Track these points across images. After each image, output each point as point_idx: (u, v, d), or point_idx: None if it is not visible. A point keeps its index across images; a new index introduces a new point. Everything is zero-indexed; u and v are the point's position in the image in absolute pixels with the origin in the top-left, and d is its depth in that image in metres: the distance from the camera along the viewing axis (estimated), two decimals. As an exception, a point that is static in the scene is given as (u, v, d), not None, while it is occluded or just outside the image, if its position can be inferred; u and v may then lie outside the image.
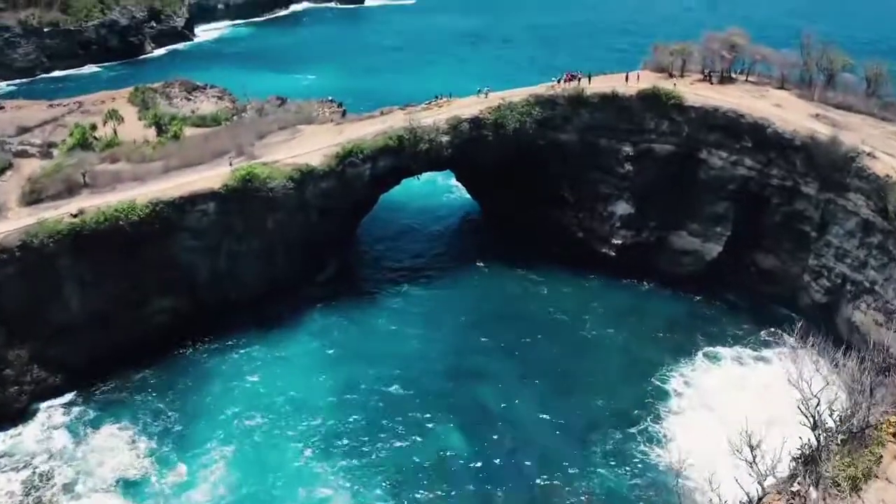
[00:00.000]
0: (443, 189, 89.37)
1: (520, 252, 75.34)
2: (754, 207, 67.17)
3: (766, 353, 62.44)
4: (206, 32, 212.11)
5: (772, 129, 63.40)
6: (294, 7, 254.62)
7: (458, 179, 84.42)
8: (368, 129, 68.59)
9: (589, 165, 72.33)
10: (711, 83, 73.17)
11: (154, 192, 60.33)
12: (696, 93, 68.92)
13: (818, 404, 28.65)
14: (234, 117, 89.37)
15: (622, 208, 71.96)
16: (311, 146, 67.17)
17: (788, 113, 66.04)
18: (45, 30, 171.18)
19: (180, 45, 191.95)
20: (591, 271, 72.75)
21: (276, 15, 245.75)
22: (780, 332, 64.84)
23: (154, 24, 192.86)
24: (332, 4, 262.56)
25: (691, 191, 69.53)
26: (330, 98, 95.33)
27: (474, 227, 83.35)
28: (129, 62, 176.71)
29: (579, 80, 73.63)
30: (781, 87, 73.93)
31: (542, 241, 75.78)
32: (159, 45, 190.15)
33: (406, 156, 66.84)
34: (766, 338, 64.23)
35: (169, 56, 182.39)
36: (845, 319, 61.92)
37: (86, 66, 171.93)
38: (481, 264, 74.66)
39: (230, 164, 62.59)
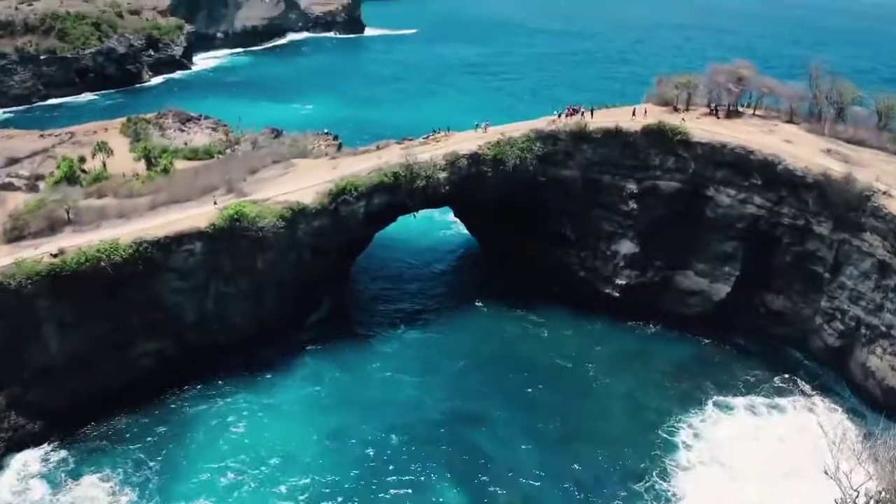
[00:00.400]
0: (440, 224, 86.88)
1: (520, 291, 72.72)
2: (764, 247, 64.65)
3: (779, 400, 59.62)
4: (204, 61, 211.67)
5: (783, 166, 61.03)
6: (294, 36, 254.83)
7: (456, 215, 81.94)
8: (363, 165, 66.20)
9: (592, 203, 69.86)
10: (718, 117, 70.95)
11: (138, 231, 57.86)
12: (702, 128, 66.62)
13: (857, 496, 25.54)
14: (228, 150, 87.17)
15: (626, 247, 69.40)
16: (303, 182, 64.80)
17: (799, 149, 63.72)
18: (42, 57, 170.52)
19: (178, 74, 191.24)
20: (594, 312, 70.05)
21: (276, 44, 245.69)
22: (794, 378, 62.38)
23: (152, 53, 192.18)
24: (332, 34, 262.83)
25: (698, 229, 67.05)
26: (326, 130, 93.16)
27: (473, 263, 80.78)
28: (126, 90, 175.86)
29: (582, 114, 71.43)
30: (790, 121, 71.76)
31: (543, 279, 73.22)
32: (157, 74, 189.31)
33: (402, 193, 64.41)
34: (780, 384, 61.63)
35: (166, 85, 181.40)
36: (860, 364, 59.37)
37: (82, 94, 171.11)
38: (480, 304, 71.97)
39: (215, 203, 60.06)
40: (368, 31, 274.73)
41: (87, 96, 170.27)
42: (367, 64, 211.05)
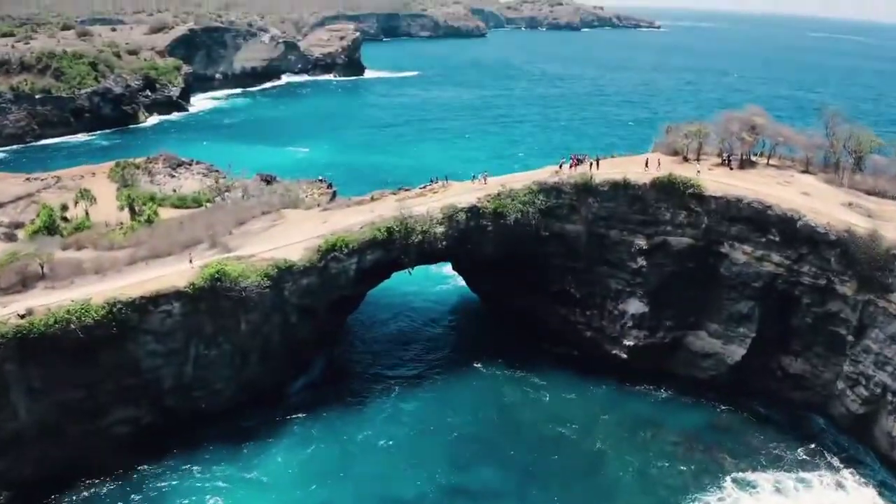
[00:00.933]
0: (437, 278, 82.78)
1: (520, 350, 68.72)
2: (782, 307, 60.61)
3: (805, 475, 55.09)
4: (202, 102, 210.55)
5: (803, 222, 57.21)
6: (293, 78, 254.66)
7: (454, 268, 77.91)
8: (356, 218, 62.45)
9: (598, 259, 65.96)
10: (731, 168, 67.38)
11: (113, 290, 53.93)
12: (715, 180, 62.93)
13: None
14: (217, 198, 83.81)
15: (634, 306, 65.34)
16: (292, 237, 61.01)
17: (819, 202, 60.03)
18: (37, 96, 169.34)
19: (174, 116, 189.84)
20: (600, 375, 65.78)
21: (275, 85, 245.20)
22: (819, 449, 58.00)
23: (149, 93, 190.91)
24: (332, 76, 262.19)
25: (711, 288, 63.10)
26: (320, 178, 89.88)
27: (471, 320, 76.57)
28: (121, 130, 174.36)
29: (591, 165, 67.82)
30: (806, 171, 68.33)
31: (546, 338, 69.17)
32: (153, 114, 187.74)
33: (396, 249, 60.54)
34: (804, 456, 57.20)
35: (162, 126, 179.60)
36: (885, 433, 55.16)
37: (77, 135, 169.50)
38: (478, 365, 67.62)
39: (190, 262, 56.12)
40: (368, 74, 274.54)
41: (81, 137, 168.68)
42: (365, 107, 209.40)
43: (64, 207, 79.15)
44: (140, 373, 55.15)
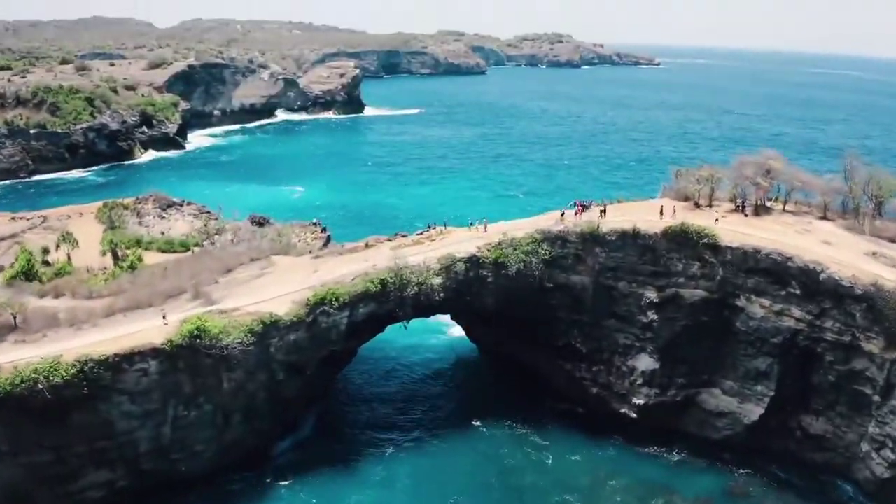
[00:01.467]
0: (434, 327, 78.56)
1: (522, 407, 64.80)
2: (803, 364, 56.82)
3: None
4: (199, 138, 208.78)
5: (826, 274, 53.60)
6: (292, 115, 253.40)
7: (452, 318, 73.92)
8: (348, 268, 58.72)
9: (605, 312, 62.18)
10: (745, 214, 63.94)
11: (85, 347, 50.13)
12: (730, 228, 59.44)
13: None
14: (206, 242, 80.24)
15: (645, 363, 61.43)
16: (280, 287, 57.29)
17: (841, 252, 56.50)
18: (32, 131, 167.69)
19: (171, 153, 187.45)
20: (607, 435, 61.70)
21: (273, 122, 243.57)
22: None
23: (145, 129, 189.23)
24: (331, 114, 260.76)
25: (727, 343, 59.31)
26: (314, 221, 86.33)
27: (470, 373, 72.45)
28: (116, 166, 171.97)
29: (602, 212, 64.33)
30: (824, 217, 64.93)
31: (550, 394, 65.20)
32: (149, 151, 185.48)
33: (391, 301, 56.74)
34: (830, 529, 52.95)
35: (158, 163, 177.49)
36: (915, 500, 51.07)
37: (72, 171, 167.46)
38: (477, 423, 63.42)
39: (164, 319, 52.28)
40: (368, 111, 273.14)
41: (76, 173, 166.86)
42: (364, 145, 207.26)
43: (45, 251, 75.62)
44: (114, 435, 51.18)
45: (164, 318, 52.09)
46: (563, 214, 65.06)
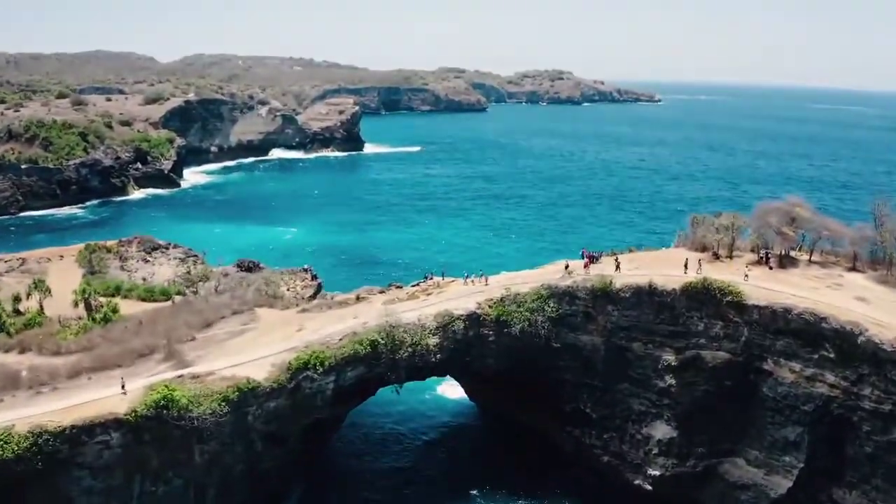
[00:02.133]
0: (430, 383, 72.78)
1: (526, 475, 59.30)
2: (837, 434, 51.48)
3: None
4: (194, 175, 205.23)
5: (864, 337, 48.50)
6: (289, 153, 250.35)
7: (451, 376, 68.46)
8: (335, 327, 53.57)
9: (618, 375, 56.94)
10: (770, 267, 58.95)
11: (41, 416, 44.91)
12: (756, 285, 54.37)
13: None
14: (188, 290, 75.30)
15: (661, 430, 56.04)
16: (261, 348, 52.14)
17: (878, 310, 51.40)
18: (24, 166, 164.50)
19: (164, 191, 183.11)
20: (621, 508, 56.24)
21: (270, 159, 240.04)
22: None
23: (139, 166, 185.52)
24: (330, 151, 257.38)
25: (752, 410, 53.97)
26: (305, 267, 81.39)
27: (469, 437, 66.69)
28: (107, 203, 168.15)
29: (617, 266, 59.30)
30: (853, 268, 59.99)
31: (556, 462, 59.70)
32: (143, 188, 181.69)
33: (382, 364, 51.55)
34: None
35: (150, 201, 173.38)
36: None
37: (63, 208, 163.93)
38: (475, 493, 57.76)
39: (122, 388, 46.82)
40: (368, 148, 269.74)
41: (66, 210, 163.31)
42: (362, 184, 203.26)
43: (17, 298, 70.64)
44: (73, 513, 45.81)
45: (122, 387, 46.71)
46: (567, 266, 60.06)
